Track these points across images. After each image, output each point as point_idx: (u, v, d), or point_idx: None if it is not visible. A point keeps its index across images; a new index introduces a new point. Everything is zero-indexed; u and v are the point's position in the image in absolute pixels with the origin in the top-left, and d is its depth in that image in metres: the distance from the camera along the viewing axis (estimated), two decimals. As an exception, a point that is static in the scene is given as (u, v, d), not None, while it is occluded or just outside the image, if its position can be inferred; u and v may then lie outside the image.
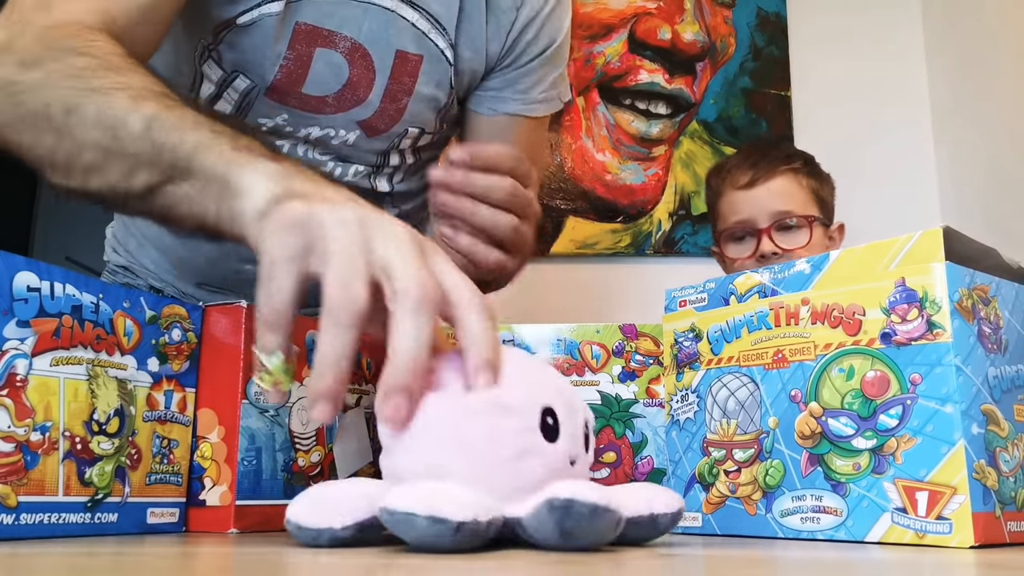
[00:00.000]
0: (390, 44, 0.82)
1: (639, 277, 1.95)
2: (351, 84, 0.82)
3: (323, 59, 0.80)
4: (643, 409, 0.62)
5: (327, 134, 0.85)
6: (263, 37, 0.78)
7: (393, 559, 0.37)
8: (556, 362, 0.63)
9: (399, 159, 0.91)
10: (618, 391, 0.62)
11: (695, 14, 2.03)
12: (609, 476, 0.61)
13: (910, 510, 0.45)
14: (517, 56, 0.90)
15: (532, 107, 0.92)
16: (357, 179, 0.89)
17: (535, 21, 0.89)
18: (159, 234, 0.93)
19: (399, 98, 0.85)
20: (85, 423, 0.49)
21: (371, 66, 0.82)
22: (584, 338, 0.63)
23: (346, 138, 0.86)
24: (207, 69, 0.81)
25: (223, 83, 0.81)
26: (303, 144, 0.85)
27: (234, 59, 0.79)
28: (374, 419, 0.66)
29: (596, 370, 0.63)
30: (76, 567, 0.35)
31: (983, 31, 1.87)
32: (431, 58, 0.84)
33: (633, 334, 0.63)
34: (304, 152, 0.85)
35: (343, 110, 0.84)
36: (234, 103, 0.82)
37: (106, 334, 0.51)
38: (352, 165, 0.88)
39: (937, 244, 0.46)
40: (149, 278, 0.96)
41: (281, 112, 0.83)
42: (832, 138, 1.99)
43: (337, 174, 0.87)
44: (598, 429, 0.61)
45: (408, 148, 0.90)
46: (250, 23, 0.77)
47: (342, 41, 0.80)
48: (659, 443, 0.61)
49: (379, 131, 0.87)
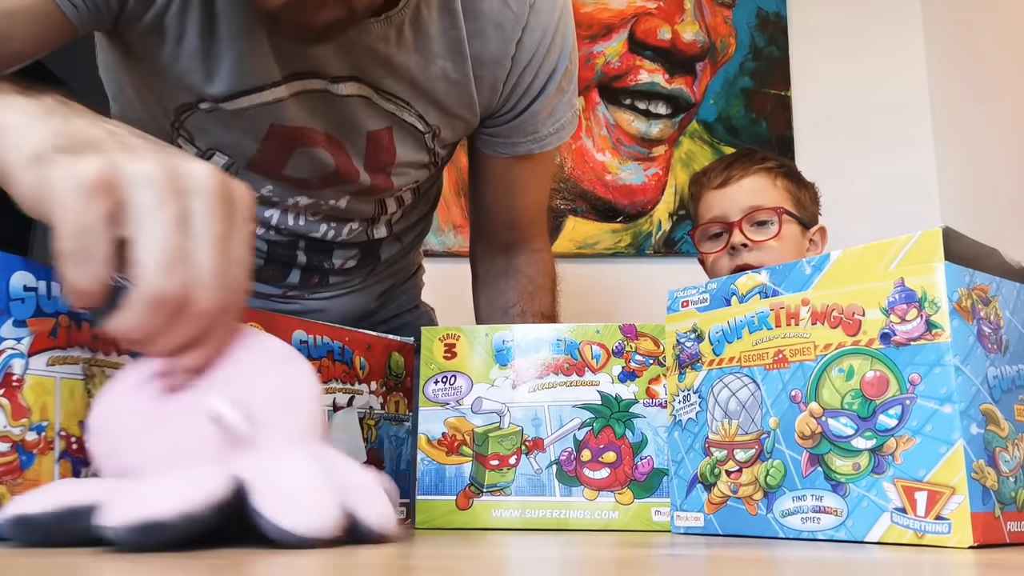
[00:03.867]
0: (359, 129, 0.79)
1: (639, 277, 1.95)
2: (338, 171, 0.80)
3: (304, 154, 0.78)
4: (643, 409, 0.62)
5: (316, 202, 0.82)
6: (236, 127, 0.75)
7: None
8: (556, 362, 0.63)
9: (396, 204, 0.89)
10: (618, 391, 0.62)
11: (695, 14, 2.03)
12: (609, 476, 0.61)
13: (909, 510, 0.45)
14: (519, 99, 0.86)
15: (545, 143, 0.89)
16: (353, 236, 0.87)
17: (534, 61, 0.84)
18: None
19: (385, 169, 0.83)
20: (81, 423, 0.49)
21: (347, 152, 0.80)
22: (584, 338, 0.63)
23: (337, 204, 0.84)
24: (182, 143, 0.78)
25: (201, 156, 0.78)
26: (293, 211, 0.83)
27: (207, 140, 0.77)
28: (366, 419, 0.66)
29: (596, 370, 0.63)
30: (77, 566, 0.35)
31: (983, 31, 1.87)
32: (400, 128, 0.81)
33: (633, 334, 0.63)
34: (295, 218, 0.83)
35: (331, 186, 0.82)
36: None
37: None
38: (347, 223, 0.86)
39: (937, 244, 0.46)
40: None
41: (266, 184, 0.80)
42: (832, 138, 1.99)
43: (332, 235, 0.85)
44: (598, 429, 0.62)
45: (407, 190, 0.88)
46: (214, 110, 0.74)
47: (318, 135, 0.78)
48: (659, 443, 0.61)
49: (372, 195, 0.85)
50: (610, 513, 0.60)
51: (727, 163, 1.27)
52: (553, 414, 0.62)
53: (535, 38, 0.82)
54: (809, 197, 1.29)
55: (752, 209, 1.20)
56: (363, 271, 0.92)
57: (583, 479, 0.61)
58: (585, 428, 0.62)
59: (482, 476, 0.62)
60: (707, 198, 1.26)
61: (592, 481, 0.61)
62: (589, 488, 0.61)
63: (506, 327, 0.65)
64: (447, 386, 0.64)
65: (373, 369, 0.67)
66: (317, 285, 0.89)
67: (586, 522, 0.60)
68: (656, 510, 0.60)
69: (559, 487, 0.61)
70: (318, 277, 0.89)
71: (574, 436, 0.62)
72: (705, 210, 1.26)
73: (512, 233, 0.98)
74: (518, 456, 0.62)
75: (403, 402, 0.70)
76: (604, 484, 0.61)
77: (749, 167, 1.24)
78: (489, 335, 0.64)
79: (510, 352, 0.64)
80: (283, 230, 0.84)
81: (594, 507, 0.61)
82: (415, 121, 0.81)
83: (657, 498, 0.60)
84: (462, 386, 0.64)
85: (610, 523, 0.60)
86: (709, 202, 1.26)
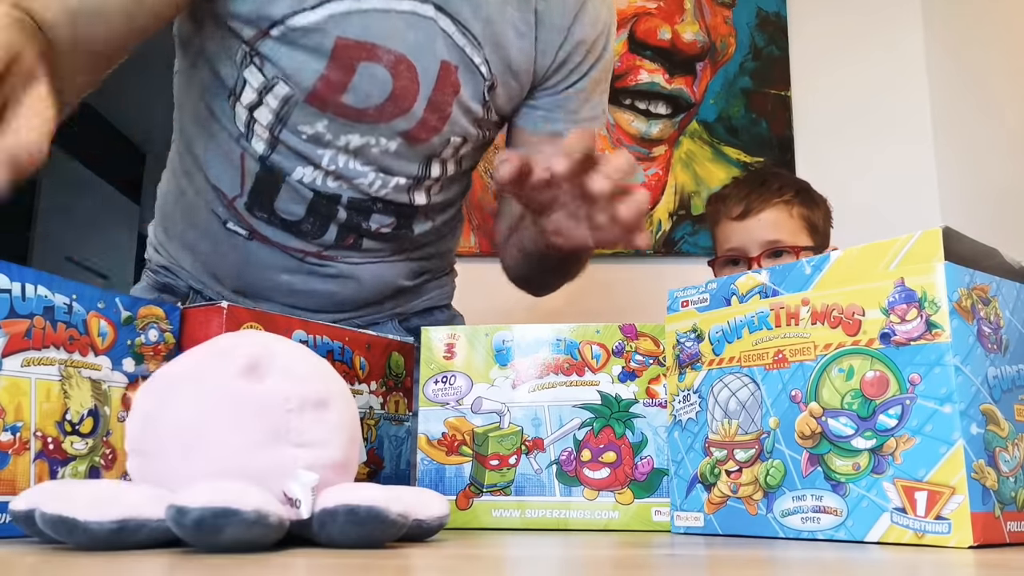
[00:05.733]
0: (435, 55, 0.82)
1: (639, 277, 1.95)
2: (394, 96, 0.82)
3: (367, 72, 0.80)
4: (643, 409, 0.62)
5: (367, 142, 0.85)
6: (303, 47, 0.78)
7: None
8: (556, 362, 0.63)
9: (440, 169, 0.90)
10: (618, 391, 0.62)
11: (695, 14, 2.03)
12: (609, 476, 0.61)
13: (909, 510, 0.45)
14: (566, 75, 0.90)
15: (581, 125, 0.92)
16: (396, 193, 0.89)
17: (585, 42, 0.89)
18: (193, 240, 0.94)
19: (443, 108, 0.85)
20: (58, 423, 0.49)
21: (416, 78, 0.82)
22: (584, 338, 0.63)
23: (387, 147, 0.85)
24: (248, 75, 0.81)
25: (264, 89, 0.82)
26: (344, 153, 0.85)
27: (275, 67, 0.80)
28: (366, 419, 0.66)
29: (596, 370, 0.63)
30: (77, 566, 0.35)
31: (983, 31, 1.87)
32: (466, 69, 0.84)
33: (633, 334, 0.63)
34: (345, 162, 0.85)
35: (385, 120, 0.84)
36: (274, 111, 0.82)
37: (79, 335, 0.51)
38: (393, 177, 0.88)
39: (936, 244, 0.46)
40: (189, 280, 0.96)
41: (321, 119, 0.83)
42: (832, 138, 1.99)
43: (376, 187, 0.87)
44: (598, 429, 0.62)
45: (450, 157, 0.90)
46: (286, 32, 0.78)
47: (386, 54, 0.80)
48: (659, 443, 0.61)
49: (421, 140, 0.86)
50: (610, 513, 0.60)
51: (745, 192, 1.31)
52: (553, 414, 0.62)
53: (591, 17, 0.90)
54: (822, 216, 1.34)
55: (770, 244, 1.26)
56: (396, 242, 0.93)
57: (583, 479, 0.61)
58: (585, 428, 0.62)
59: (482, 476, 0.62)
60: (725, 227, 1.31)
61: (592, 481, 0.61)
62: (589, 488, 0.61)
63: (506, 327, 0.65)
64: (447, 386, 0.64)
65: (373, 369, 0.67)
66: (351, 247, 0.91)
67: (586, 522, 0.60)
68: (656, 510, 0.60)
69: (559, 487, 0.61)
70: (353, 238, 0.90)
71: (574, 436, 0.62)
72: (723, 239, 1.32)
73: None
74: (518, 456, 0.62)
75: (403, 402, 0.70)
76: (604, 484, 0.61)
77: (768, 200, 1.29)
78: (489, 335, 0.64)
79: (510, 352, 0.64)
80: (332, 173, 0.86)
81: (594, 507, 0.61)
82: (481, 64, 0.84)
83: (657, 498, 0.60)
84: (462, 386, 0.64)
85: (610, 523, 0.60)
86: (727, 232, 1.31)
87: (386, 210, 0.90)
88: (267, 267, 0.90)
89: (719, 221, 1.33)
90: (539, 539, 0.52)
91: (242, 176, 0.86)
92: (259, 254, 0.89)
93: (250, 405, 0.41)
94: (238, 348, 0.43)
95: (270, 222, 0.88)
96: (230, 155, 0.86)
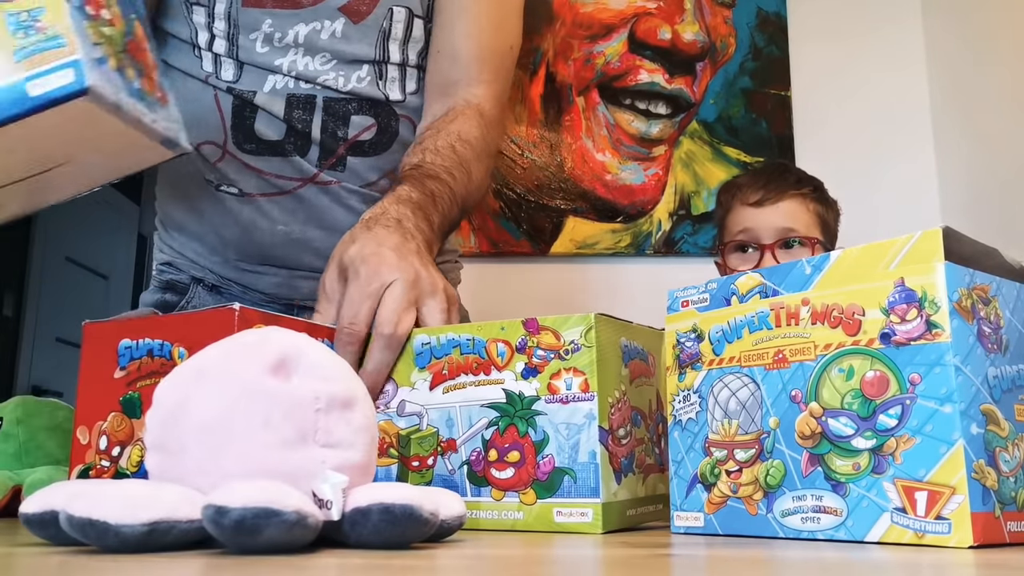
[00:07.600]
0: None
1: (639, 277, 1.95)
2: None
3: None
4: (545, 406, 0.59)
5: (313, 29, 0.88)
6: None
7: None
8: (467, 361, 0.62)
9: (400, 53, 0.92)
10: (521, 388, 0.60)
11: (695, 14, 2.03)
12: (513, 476, 0.59)
13: (909, 510, 0.45)
14: None
15: None
16: (364, 86, 0.91)
17: None
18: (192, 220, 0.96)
19: None
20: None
21: None
22: (490, 336, 0.61)
23: (333, 29, 0.89)
24: (195, 16, 0.88)
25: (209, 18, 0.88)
26: (297, 50, 0.88)
27: None
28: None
29: (501, 368, 0.61)
30: (77, 566, 0.35)
31: (983, 31, 1.87)
32: None
33: (535, 329, 0.60)
34: (305, 64, 0.89)
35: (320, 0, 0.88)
36: (223, 31, 0.87)
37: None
38: (355, 67, 0.91)
39: (936, 244, 0.46)
40: (191, 270, 0.97)
41: (265, 18, 0.88)
42: (832, 138, 1.99)
43: (341, 82, 0.90)
44: (503, 428, 0.60)
45: (403, 37, 0.92)
46: None
47: None
48: (560, 441, 0.58)
49: (363, 13, 0.89)
50: (515, 513, 0.58)
51: (763, 181, 1.30)
52: (463, 414, 0.61)
53: None
54: (833, 216, 1.34)
55: (785, 233, 1.25)
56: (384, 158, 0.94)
57: (490, 479, 0.59)
58: (492, 427, 0.60)
59: (405, 477, 0.62)
60: (740, 212, 1.30)
61: (498, 481, 0.59)
62: (496, 488, 0.59)
63: (427, 330, 0.64)
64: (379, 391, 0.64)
65: None
66: (335, 167, 0.92)
67: (494, 522, 0.58)
68: (558, 511, 0.57)
69: (470, 487, 0.60)
70: (336, 158, 0.92)
71: (482, 436, 0.60)
72: (735, 224, 1.30)
73: (454, 69, 0.95)
74: (435, 457, 0.61)
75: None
76: (509, 484, 0.59)
77: (785, 191, 1.29)
78: (411, 339, 0.64)
79: (427, 354, 0.63)
80: (297, 77, 0.89)
81: (500, 507, 0.59)
82: None
83: (559, 498, 0.57)
84: (389, 390, 0.64)
85: (516, 523, 0.58)
86: (741, 217, 1.29)
87: (362, 109, 0.92)
88: (264, 218, 0.92)
89: (732, 208, 1.32)
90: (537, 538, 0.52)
91: (221, 118, 0.90)
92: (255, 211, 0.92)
93: (281, 403, 0.40)
94: (267, 343, 0.42)
95: (258, 151, 0.91)
96: (208, 105, 0.90)
